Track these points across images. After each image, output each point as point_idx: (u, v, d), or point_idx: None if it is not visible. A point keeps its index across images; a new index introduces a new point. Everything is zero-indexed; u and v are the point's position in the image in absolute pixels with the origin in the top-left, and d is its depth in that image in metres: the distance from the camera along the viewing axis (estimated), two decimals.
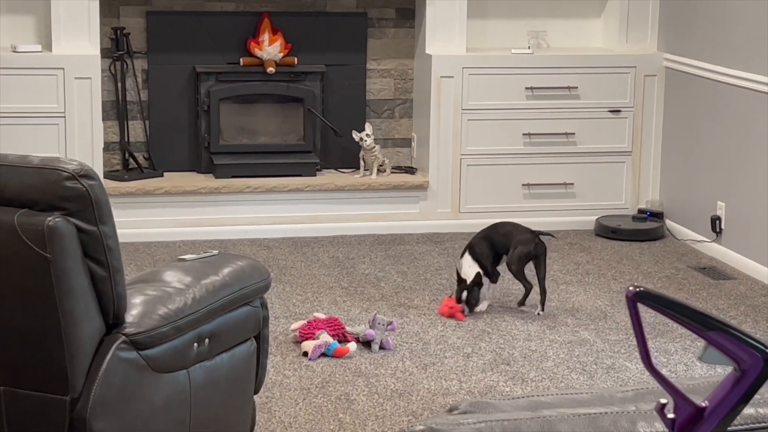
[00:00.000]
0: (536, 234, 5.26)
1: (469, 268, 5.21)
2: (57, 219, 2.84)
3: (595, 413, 1.69)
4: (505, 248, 5.28)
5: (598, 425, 1.65)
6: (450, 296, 5.28)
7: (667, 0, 6.65)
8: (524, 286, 5.28)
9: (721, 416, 1.42)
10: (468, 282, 5.19)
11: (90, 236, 2.90)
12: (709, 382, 1.79)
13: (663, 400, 1.44)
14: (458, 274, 5.25)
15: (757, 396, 1.77)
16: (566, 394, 1.81)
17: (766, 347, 1.41)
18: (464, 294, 5.18)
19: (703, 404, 1.45)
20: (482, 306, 5.23)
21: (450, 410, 1.78)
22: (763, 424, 1.72)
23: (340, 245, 6.25)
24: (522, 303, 5.30)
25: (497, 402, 1.76)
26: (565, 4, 6.90)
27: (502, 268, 5.34)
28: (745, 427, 1.73)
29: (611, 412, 1.69)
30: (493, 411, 1.73)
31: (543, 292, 5.23)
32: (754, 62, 5.86)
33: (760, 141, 5.82)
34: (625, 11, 6.73)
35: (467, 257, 5.26)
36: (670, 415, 1.45)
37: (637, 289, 1.39)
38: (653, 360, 1.42)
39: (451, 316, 5.16)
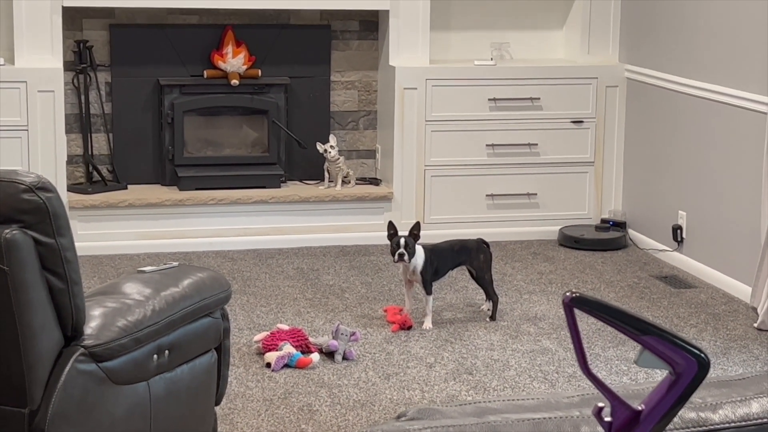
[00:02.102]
0: (478, 241, 5.32)
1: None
2: (14, 231, 2.85)
3: (539, 418, 1.71)
4: (455, 262, 5.29)
5: (542, 430, 1.68)
6: (386, 308, 5.32)
7: (629, 11, 6.72)
8: (495, 295, 5.30)
9: (656, 419, 1.45)
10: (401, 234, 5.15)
11: (48, 249, 2.90)
12: (651, 388, 1.82)
13: (600, 404, 1.47)
14: (392, 234, 5.19)
15: (698, 400, 1.80)
16: (513, 400, 1.83)
17: (699, 351, 1.44)
18: (399, 247, 5.11)
19: (640, 407, 1.48)
20: (427, 322, 5.20)
21: (398, 417, 1.80)
22: (704, 428, 1.75)
23: (304, 256, 6.26)
24: (494, 317, 5.31)
25: (444, 408, 1.78)
26: (527, 15, 6.95)
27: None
28: (688, 431, 1.76)
29: (555, 417, 1.72)
30: (439, 417, 1.75)
31: (490, 295, 5.34)
32: (714, 73, 5.92)
33: (721, 150, 5.88)
34: (586, 23, 6.79)
35: (420, 248, 5.23)
36: (607, 419, 1.48)
37: (573, 295, 1.42)
38: (590, 364, 1.44)
39: (403, 324, 5.16)
